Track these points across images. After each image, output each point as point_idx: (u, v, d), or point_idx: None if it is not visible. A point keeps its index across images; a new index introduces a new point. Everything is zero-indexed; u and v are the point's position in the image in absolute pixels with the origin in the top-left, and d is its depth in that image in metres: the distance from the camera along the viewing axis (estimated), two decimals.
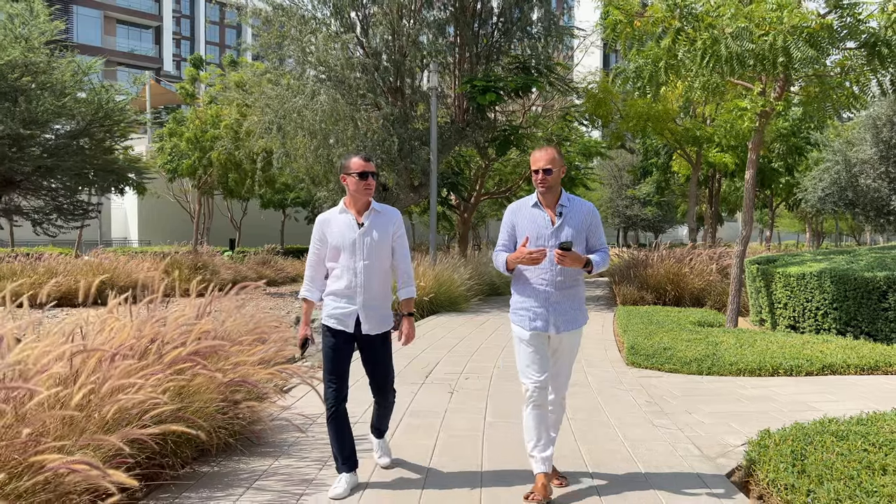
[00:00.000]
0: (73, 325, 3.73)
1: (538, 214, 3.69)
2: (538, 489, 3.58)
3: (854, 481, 3.37)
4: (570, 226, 3.67)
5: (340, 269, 3.75)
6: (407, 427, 4.97)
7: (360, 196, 3.76)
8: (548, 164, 3.62)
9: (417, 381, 6.61)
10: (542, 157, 3.65)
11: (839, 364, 7.05)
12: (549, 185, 3.64)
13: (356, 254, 3.73)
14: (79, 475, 2.31)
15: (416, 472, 4.06)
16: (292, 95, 14.00)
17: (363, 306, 3.74)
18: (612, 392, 6.21)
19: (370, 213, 3.79)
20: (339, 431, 3.69)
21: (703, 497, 3.72)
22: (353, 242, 3.72)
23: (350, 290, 3.74)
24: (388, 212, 3.89)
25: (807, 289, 9.32)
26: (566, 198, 3.75)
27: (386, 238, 3.80)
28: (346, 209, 3.81)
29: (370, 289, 3.75)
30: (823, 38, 7.95)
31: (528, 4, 15.52)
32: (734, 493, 3.78)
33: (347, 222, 3.76)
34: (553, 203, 3.70)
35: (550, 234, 3.63)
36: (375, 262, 3.76)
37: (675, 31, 8.20)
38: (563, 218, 3.66)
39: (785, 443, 4.00)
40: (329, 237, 3.77)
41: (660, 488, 3.83)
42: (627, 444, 4.62)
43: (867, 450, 3.81)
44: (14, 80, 11.79)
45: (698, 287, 13.30)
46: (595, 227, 3.75)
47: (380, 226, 3.79)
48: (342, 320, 3.74)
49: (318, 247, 3.83)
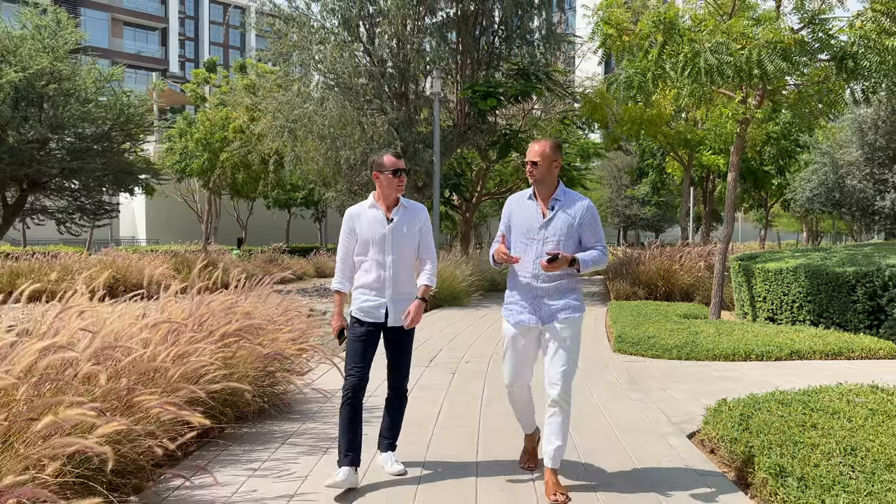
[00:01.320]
0: (139, 308, 4.46)
1: (531, 206, 3.73)
2: (529, 455, 4.03)
3: (786, 434, 4.08)
4: (560, 220, 3.66)
5: (369, 262, 3.82)
6: (415, 398, 5.70)
7: (392, 192, 3.83)
8: (536, 156, 3.64)
9: (423, 364, 7.34)
10: (534, 149, 3.69)
11: (806, 350, 7.75)
12: (536, 178, 3.67)
13: (385, 248, 3.81)
14: (169, 413, 3.01)
15: (425, 431, 4.78)
16: (302, 102, 14.75)
17: (392, 299, 3.81)
18: (598, 373, 6.93)
19: (399, 208, 3.87)
20: (349, 421, 3.72)
21: (664, 449, 4.43)
22: (382, 237, 3.80)
23: (379, 283, 3.81)
24: (416, 207, 3.97)
25: (783, 283, 10.03)
26: (562, 191, 3.75)
27: (413, 233, 3.89)
28: (375, 204, 3.88)
29: (398, 282, 3.82)
30: (796, 52, 8.65)
31: (527, 14, 16.23)
32: (691, 448, 4.49)
33: (377, 217, 3.84)
34: (547, 196, 3.72)
35: (539, 227, 3.66)
36: (403, 256, 3.85)
37: (660, 45, 8.90)
38: (555, 212, 3.67)
39: (736, 408, 4.72)
40: (359, 231, 3.85)
41: (628, 444, 4.54)
42: (605, 413, 5.34)
43: (805, 413, 4.52)
44: (41, 87, 12.51)
45: (687, 283, 14.01)
46: (590, 223, 3.70)
47: (408, 221, 3.88)
48: (372, 312, 3.81)
49: (347, 240, 3.90)
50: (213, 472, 3.85)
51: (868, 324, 9.00)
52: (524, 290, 3.70)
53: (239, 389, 3.95)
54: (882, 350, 7.82)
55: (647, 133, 16.97)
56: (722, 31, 8.74)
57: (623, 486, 3.78)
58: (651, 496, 3.64)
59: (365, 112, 15.27)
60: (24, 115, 12.63)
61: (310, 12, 15.31)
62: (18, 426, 2.39)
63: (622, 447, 4.49)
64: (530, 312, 3.69)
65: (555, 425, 3.61)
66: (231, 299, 4.75)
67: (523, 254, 3.68)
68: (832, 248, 11.37)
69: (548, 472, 3.60)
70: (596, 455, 4.31)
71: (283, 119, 15.15)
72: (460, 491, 3.69)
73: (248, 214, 38.75)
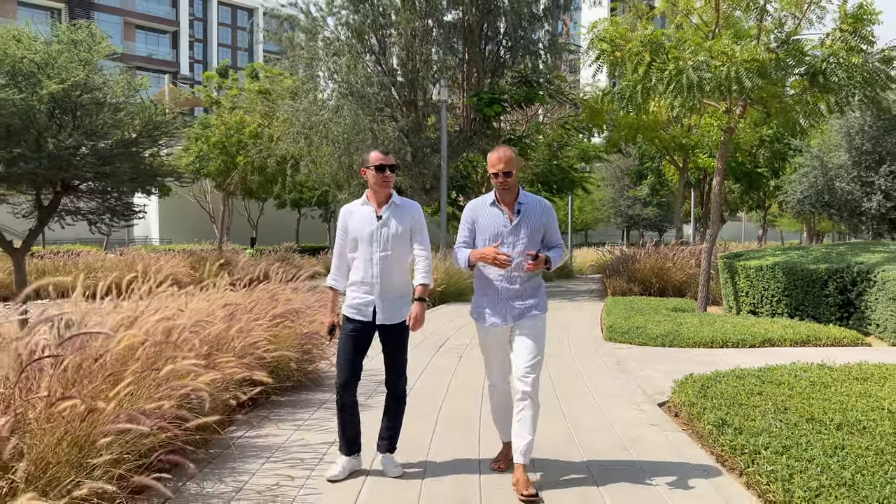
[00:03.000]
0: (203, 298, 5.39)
1: (496, 213, 3.79)
2: (503, 458, 4.01)
3: (734, 399, 4.96)
4: (527, 224, 3.77)
5: (359, 259, 3.85)
6: (428, 376, 6.62)
7: (380, 189, 3.84)
8: (507, 167, 3.69)
9: (433, 350, 8.25)
10: (500, 158, 3.70)
11: (778, 338, 8.62)
12: (506, 187, 3.75)
13: (373, 245, 3.82)
14: (242, 372, 3.93)
15: (438, 397, 5.69)
16: (318, 110, 15.71)
17: (380, 297, 3.82)
18: (588, 357, 7.82)
19: (390, 206, 3.88)
20: (345, 417, 3.87)
21: (636, 413, 5.33)
22: (370, 234, 3.81)
23: (368, 281, 3.82)
24: (408, 205, 3.96)
25: (763, 279, 10.89)
26: (523, 196, 3.83)
27: (404, 230, 3.87)
28: (367, 202, 3.90)
29: (387, 279, 3.83)
30: (771, 69, 9.51)
31: (530, 25, 17.12)
32: (659, 413, 5.39)
33: (367, 214, 3.86)
34: (511, 201, 3.80)
35: (508, 232, 3.76)
36: (393, 253, 3.83)
37: (647, 64, 9.78)
38: (521, 216, 3.77)
39: (699, 381, 5.61)
40: (350, 228, 3.88)
41: (606, 409, 5.44)
42: (591, 386, 6.24)
43: (756, 384, 5.41)
44: (77, 97, 13.50)
45: (680, 280, 14.88)
46: (551, 223, 3.86)
47: (398, 218, 3.86)
48: (361, 310, 3.84)
49: (342, 237, 3.93)
50: (266, 427, 4.78)
51: (839, 316, 9.85)
52: (495, 293, 3.79)
53: (287, 358, 4.86)
54: (846, 338, 8.69)
55: (644, 138, 17.83)
56: (705, 49, 9.61)
57: (597, 437, 4.68)
58: (619, 444, 4.54)
59: (376, 119, 16.21)
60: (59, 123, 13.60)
61: (325, 24, 16.25)
62: (146, 373, 3.28)
63: (601, 411, 5.39)
64: (501, 314, 3.78)
65: (526, 419, 3.69)
66: (275, 288, 5.67)
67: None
68: (810, 247, 12.23)
69: (519, 469, 3.66)
70: (579, 417, 5.21)
71: (300, 126, 16.12)
72: (468, 440, 4.59)
73: (259, 214, 39.74)
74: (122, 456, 2.85)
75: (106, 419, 2.69)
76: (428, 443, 4.53)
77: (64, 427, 2.62)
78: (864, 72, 9.51)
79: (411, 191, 17.71)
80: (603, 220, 45.44)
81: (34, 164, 13.15)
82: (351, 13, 15.54)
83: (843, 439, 3.94)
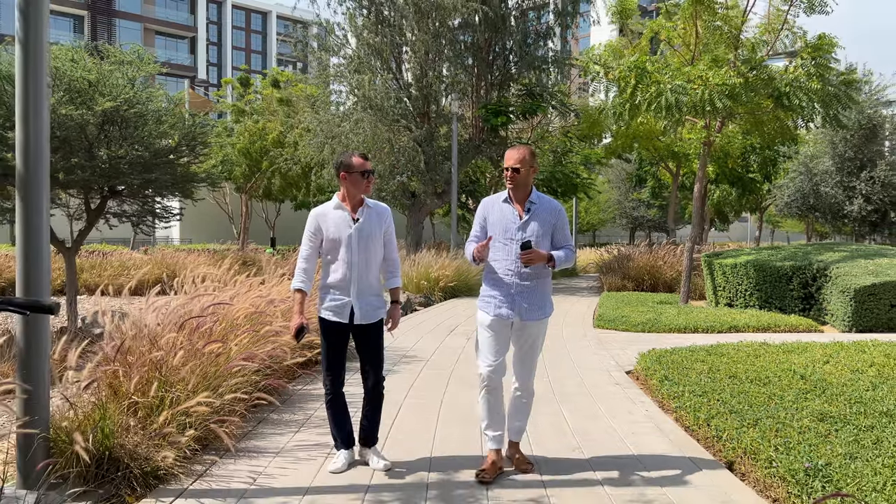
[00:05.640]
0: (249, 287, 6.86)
1: (507, 209, 3.91)
2: (488, 466, 3.88)
3: (681, 365, 6.37)
4: (536, 221, 3.87)
5: (336, 262, 3.89)
6: (441, 353, 8.07)
7: (358, 193, 3.90)
8: (516, 163, 3.83)
9: (445, 333, 9.70)
10: (513, 156, 3.87)
11: (742, 325, 10.00)
12: (516, 183, 3.86)
13: (351, 248, 3.87)
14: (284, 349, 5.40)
15: (448, 367, 7.14)
16: (340, 121, 17.25)
17: (357, 297, 3.89)
18: (576, 340, 9.25)
19: (364, 209, 3.94)
20: (337, 416, 4.04)
21: (606, 377, 6.76)
22: (348, 237, 3.87)
23: (344, 283, 3.87)
24: (380, 208, 4.03)
25: (737, 275, 12.27)
26: (536, 195, 3.94)
27: (378, 233, 3.96)
28: (341, 204, 3.94)
29: (363, 281, 3.90)
30: (741, 92, 10.90)
31: (535, 43, 18.58)
32: (625, 378, 6.81)
33: (343, 217, 3.90)
34: (523, 199, 3.91)
35: (517, 229, 3.86)
36: (369, 255, 3.92)
37: (632, 87, 11.19)
38: (531, 214, 3.88)
39: (658, 353, 7.02)
40: (325, 231, 3.91)
41: (583, 375, 6.88)
42: (573, 360, 7.68)
43: (703, 356, 6.81)
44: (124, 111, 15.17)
45: (671, 277, 16.26)
46: (561, 225, 3.95)
47: (373, 221, 3.95)
48: (338, 311, 3.90)
49: (312, 238, 3.95)
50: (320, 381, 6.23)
51: (802, 307, 11.22)
52: (503, 287, 3.89)
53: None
54: (802, 325, 10.06)
55: (640, 146, 19.19)
56: (683, 73, 11.01)
57: (571, 390, 6.11)
58: (586, 393, 5.97)
59: (393, 129, 17.70)
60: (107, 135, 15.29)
61: (347, 42, 17.80)
62: (239, 338, 4.73)
63: (578, 376, 6.83)
64: (508, 307, 3.87)
65: (522, 407, 4.05)
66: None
67: (502, 253, 3.91)
68: (781, 247, 13.59)
69: (514, 446, 4.06)
70: (561, 384, 6.64)
71: (323, 136, 17.65)
72: (472, 395, 6.03)
73: (276, 215, 41.38)
74: (243, 382, 4.32)
75: (233, 357, 4.13)
76: (441, 395, 5.98)
77: (211, 361, 4.06)
78: (822, 95, 10.89)
79: (424, 195, 19.19)
80: (609, 221, 46.78)
81: (88, 173, 14.75)
82: (372, 35, 17.05)
83: (748, 388, 5.35)
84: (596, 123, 19.83)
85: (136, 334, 4.15)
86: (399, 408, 5.50)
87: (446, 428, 4.94)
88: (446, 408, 5.51)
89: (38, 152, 3.43)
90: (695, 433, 4.77)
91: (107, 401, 3.82)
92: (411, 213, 19.46)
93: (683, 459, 4.26)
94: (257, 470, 3.97)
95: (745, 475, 3.96)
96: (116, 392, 3.91)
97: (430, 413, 5.34)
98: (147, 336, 4.15)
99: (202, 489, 3.66)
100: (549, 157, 23.11)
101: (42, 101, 3.43)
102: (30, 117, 3.42)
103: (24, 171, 3.41)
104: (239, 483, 3.77)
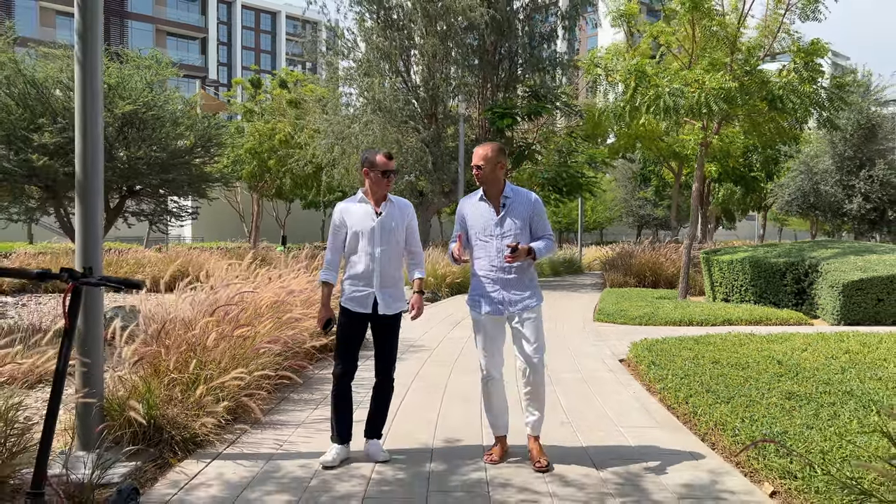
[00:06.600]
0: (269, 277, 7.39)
1: (483, 207, 3.99)
2: (496, 450, 4.08)
3: (670, 353, 6.85)
4: (512, 216, 3.95)
5: (359, 254, 4.02)
6: (450, 340, 8.58)
7: (379, 190, 4.05)
8: (480, 160, 3.93)
9: (451, 326, 10.21)
10: (477, 153, 3.97)
11: (735, 319, 10.45)
12: (482, 180, 3.96)
13: (374, 240, 4.00)
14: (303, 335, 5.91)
15: (455, 353, 7.64)
16: (350, 122, 17.79)
17: (380, 289, 4.00)
18: (576, 333, 9.73)
19: (387, 203, 4.09)
20: (340, 406, 4.08)
21: (600, 364, 7.24)
22: (371, 230, 4.00)
23: (367, 274, 3.99)
24: (402, 203, 4.18)
25: (734, 271, 12.71)
26: (510, 189, 4.00)
27: (401, 226, 4.09)
28: (364, 199, 4.09)
29: (386, 273, 4.01)
30: (736, 96, 11.33)
31: (540, 46, 19.04)
32: (617, 364, 7.30)
33: (366, 211, 4.05)
34: (497, 195, 3.98)
35: (495, 225, 3.95)
36: (391, 248, 4.04)
37: (632, 90, 11.64)
38: (507, 209, 3.96)
39: (648, 342, 7.50)
40: (349, 224, 4.06)
41: (579, 362, 7.36)
42: (572, 350, 8.17)
43: (690, 344, 7.29)
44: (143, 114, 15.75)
45: (671, 273, 16.70)
46: (538, 215, 4.02)
47: (395, 215, 4.08)
48: (361, 302, 4.01)
49: (337, 232, 4.11)
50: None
51: (795, 302, 11.65)
52: (489, 283, 3.98)
53: None
54: (792, 319, 10.51)
55: (643, 146, 19.65)
56: (680, 77, 11.46)
57: (566, 375, 6.60)
58: (580, 378, 6.46)
59: (401, 130, 18.22)
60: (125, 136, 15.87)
61: (357, 46, 18.34)
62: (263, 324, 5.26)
63: (575, 363, 7.32)
64: (497, 303, 3.97)
65: (536, 398, 4.01)
66: None
67: (483, 251, 4.01)
68: (778, 244, 14.02)
69: (532, 440, 4.06)
70: (557, 371, 7.13)
71: (333, 137, 18.20)
72: (475, 380, 6.53)
73: (286, 214, 42.03)
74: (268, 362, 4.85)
75: (259, 340, 4.65)
76: (446, 380, 6.49)
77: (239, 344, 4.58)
78: (814, 97, 11.31)
79: (432, 194, 19.70)
80: (616, 219, 47.20)
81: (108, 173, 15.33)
82: (381, 39, 17.58)
83: (727, 371, 5.83)
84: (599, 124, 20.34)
85: (172, 318, 4.68)
86: (407, 390, 6.01)
87: (450, 406, 5.45)
88: (449, 390, 6.02)
89: (94, 162, 3.95)
90: (675, 411, 5.25)
91: (149, 377, 4.34)
92: (419, 211, 20.00)
93: (663, 433, 4.75)
94: (282, 439, 4.49)
95: (714, 444, 4.44)
96: (157, 370, 4.44)
97: (435, 394, 5.85)
98: (182, 321, 4.68)
99: (235, 453, 4.19)
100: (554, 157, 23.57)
101: (97, 116, 3.96)
102: (87, 130, 3.94)
103: (83, 178, 3.94)
104: (267, 449, 4.29)
